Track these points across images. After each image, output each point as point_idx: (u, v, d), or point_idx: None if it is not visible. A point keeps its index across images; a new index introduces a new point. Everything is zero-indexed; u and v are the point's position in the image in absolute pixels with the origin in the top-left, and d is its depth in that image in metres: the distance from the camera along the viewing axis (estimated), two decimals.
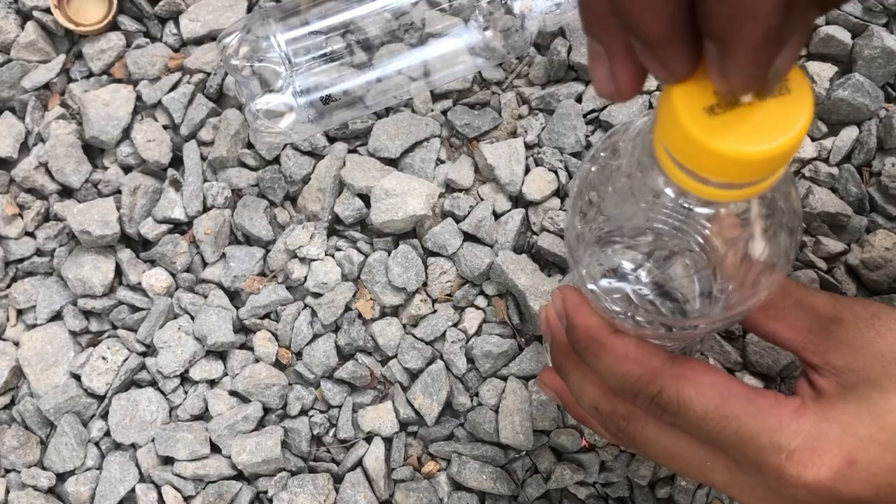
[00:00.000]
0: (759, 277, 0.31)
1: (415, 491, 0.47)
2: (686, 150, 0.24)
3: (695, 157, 0.24)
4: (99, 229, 0.48)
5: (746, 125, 0.24)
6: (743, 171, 0.24)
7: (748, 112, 0.24)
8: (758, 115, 0.24)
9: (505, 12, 0.44)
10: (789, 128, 0.24)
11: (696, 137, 0.24)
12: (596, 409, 0.35)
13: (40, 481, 0.47)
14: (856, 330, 0.31)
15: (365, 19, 0.44)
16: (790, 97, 0.24)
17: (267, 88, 0.43)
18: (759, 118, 0.24)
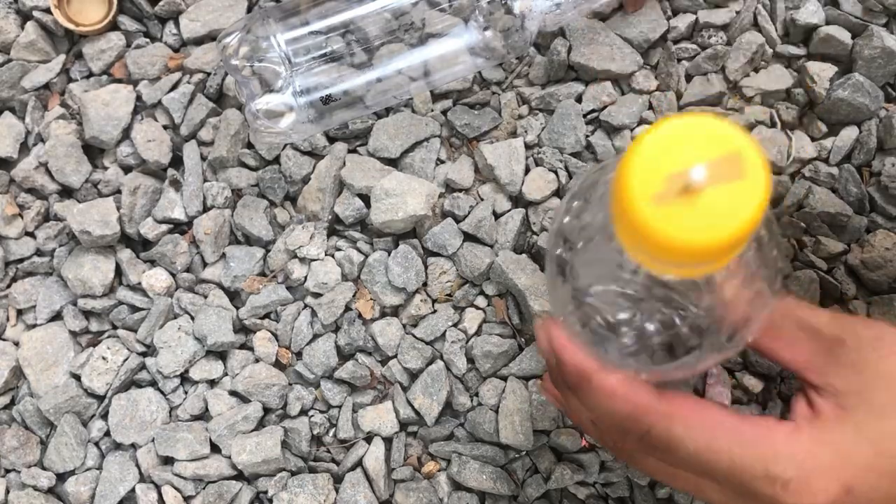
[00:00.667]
0: (746, 311, 0.30)
1: (415, 491, 0.47)
2: (637, 236, 0.24)
3: (645, 242, 0.24)
4: (99, 229, 0.48)
5: (695, 213, 0.24)
6: (693, 258, 0.24)
7: (698, 199, 0.24)
8: (707, 202, 0.24)
9: (505, 12, 0.44)
10: (738, 216, 0.23)
11: (646, 226, 0.24)
12: (593, 424, 0.35)
13: (40, 481, 0.47)
14: (858, 352, 0.30)
15: (365, 19, 0.44)
16: (743, 183, 0.24)
17: (267, 88, 0.43)
18: (709, 206, 0.24)
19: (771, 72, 0.48)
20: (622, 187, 0.24)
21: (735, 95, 0.49)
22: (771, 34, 0.48)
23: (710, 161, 0.24)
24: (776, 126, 0.48)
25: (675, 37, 0.49)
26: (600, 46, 0.48)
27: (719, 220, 0.23)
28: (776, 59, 0.48)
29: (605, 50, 0.48)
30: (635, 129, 0.48)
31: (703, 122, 0.24)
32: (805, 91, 0.48)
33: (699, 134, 0.24)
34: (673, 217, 0.24)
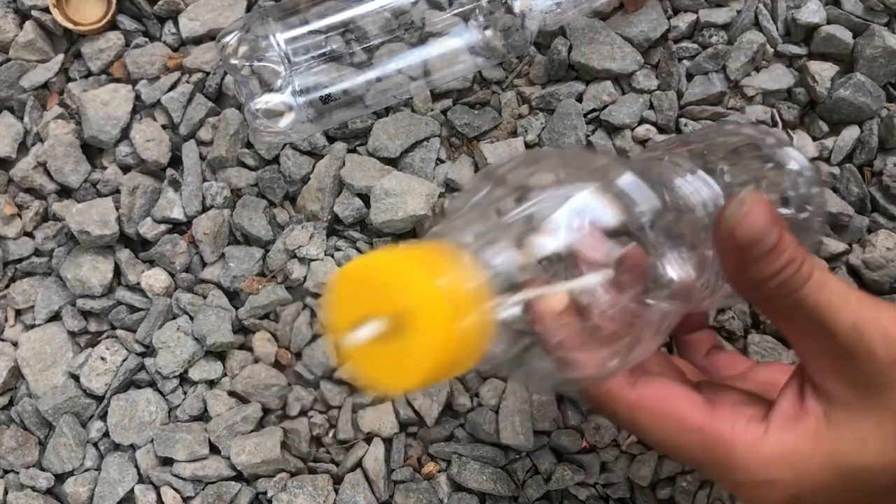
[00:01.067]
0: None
1: (415, 492, 0.46)
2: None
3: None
4: (98, 229, 0.47)
5: (373, 364, 0.25)
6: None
7: (371, 352, 0.24)
8: (380, 356, 0.24)
9: (505, 11, 0.44)
10: (401, 377, 0.24)
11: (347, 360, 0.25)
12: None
13: (39, 482, 0.47)
14: (867, 375, 0.29)
15: (365, 18, 0.44)
16: (407, 342, 0.23)
17: (266, 88, 0.43)
18: (380, 360, 0.24)
19: (772, 71, 0.48)
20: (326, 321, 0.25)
21: (736, 95, 0.49)
22: (772, 33, 0.48)
23: (384, 315, 0.24)
24: (777, 126, 0.48)
25: (675, 36, 0.49)
26: (601, 46, 0.48)
27: (387, 377, 0.24)
28: (777, 59, 0.48)
29: (606, 49, 0.48)
30: (636, 128, 0.48)
31: (388, 266, 0.24)
32: (806, 90, 0.48)
33: (383, 280, 0.24)
34: (359, 359, 0.25)
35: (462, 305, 0.24)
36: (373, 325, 0.24)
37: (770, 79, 0.48)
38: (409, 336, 0.23)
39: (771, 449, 0.30)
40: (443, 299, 0.24)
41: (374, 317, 0.24)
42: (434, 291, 0.24)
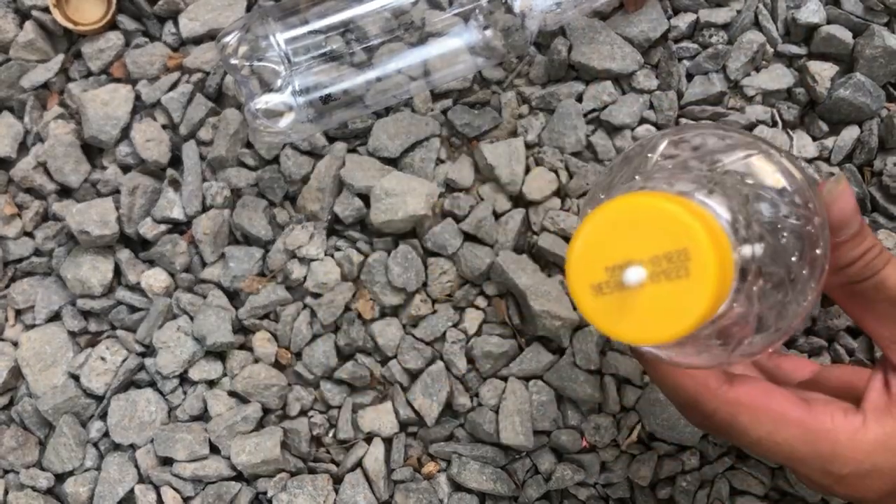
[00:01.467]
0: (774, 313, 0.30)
1: (415, 492, 0.46)
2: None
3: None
4: (98, 229, 0.47)
5: (631, 311, 0.23)
6: (636, 343, 0.24)
7: (636, 296, 0.23)
8: (646, 300, 0.23)
9: (505, 11, 0.44)
10: (676, 321, 0.23)
11: (586, 315, 0.23)
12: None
13: (39, 482, 0.47)
14: None
15: (364, 18, 0.44)
16: (687, 282, 0.23)
17: (266, 88, 0.43)
18: (647, 304, 0.23)
19: (772, 71, 0.48)
20: (567, 271, 0.24)
21: (736, 95, 0.48)
22: (772, 33, 0.48)
23: (653, 256, 0.23)
24: (777, 126, 0.48)
25: (675, 36, 0.49)
26: (601, 45, 0.48)
27: (654, 323, 0.23)
28: (777, 59, 0.48)
29: (606, 49, 0.48)
30: (636, 128, 0.48)
31: (655, 205, 0.23)
32: (806, 90, 0.48)
33: (649, 219, 0.23)
34: (610, 311, 0.23)
35: (725, 245, 0.24)
36: (640, 268, 0.23)
37: (770, 79, 0.48)
38: (692, 273, 0.22)
39: (873, 437, 0.31)
40: (720, 236, 0.23)
41: (639, 259, 0.23)
42: (711, 229, 0.23)
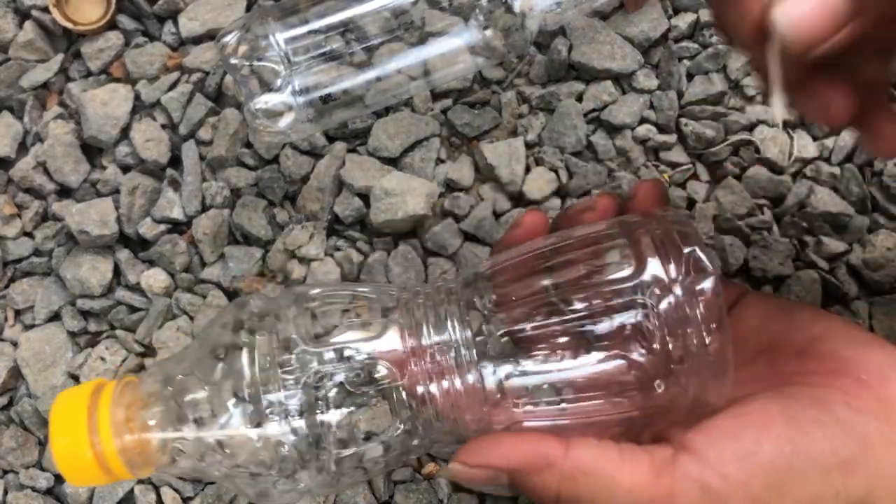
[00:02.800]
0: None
1: (414, 492, 0.46)
2: None
3: None
4: (97, 229, 0.47)
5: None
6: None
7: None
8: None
9: (505, 11, 0.44)
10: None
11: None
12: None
13: (39, 482, 0.47)
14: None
15: (364, 18, 0.44)
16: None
17: (266, 88, 0.43)
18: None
19: None
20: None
21: (736, 94, 0.48)
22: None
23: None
24: (777, 126, 0.48)
25: (676, 35, 0.49)
26: (601, 45, 0.48)
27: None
28: None
29: (606, 49, 0.48)
30: (636, 128, 0.48)
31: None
32: None
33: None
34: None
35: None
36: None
37: None
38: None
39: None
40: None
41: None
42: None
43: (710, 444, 0.29)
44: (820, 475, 0.28)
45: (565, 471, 0.30)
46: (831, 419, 0.29)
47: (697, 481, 0.29)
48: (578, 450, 0.30)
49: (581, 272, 0.32)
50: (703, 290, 0.29)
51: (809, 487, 0.28)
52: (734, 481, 0.28)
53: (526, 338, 0.32)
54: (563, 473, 0.30)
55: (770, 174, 0.48)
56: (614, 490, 0.29)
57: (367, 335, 0.33)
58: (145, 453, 0.32)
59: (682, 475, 0.29)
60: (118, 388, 0.33)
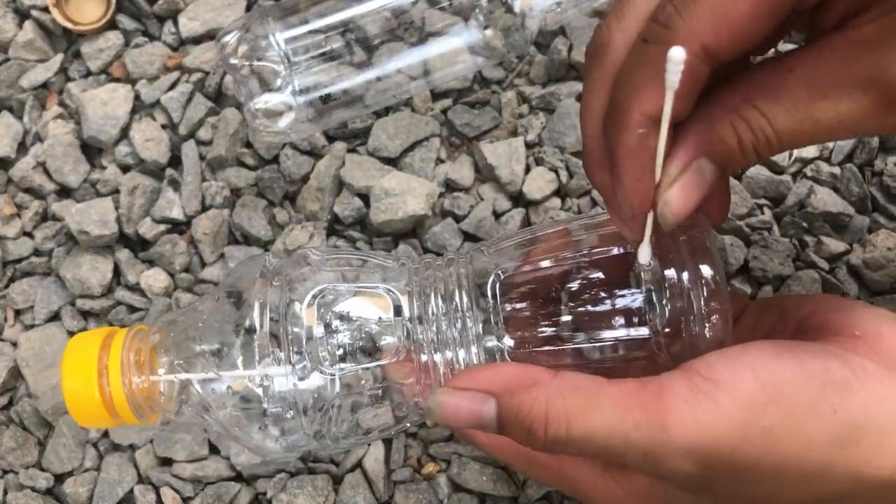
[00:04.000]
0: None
1: (415, 492, 0.46)
2: None
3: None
4: (97, 229, 0.47)
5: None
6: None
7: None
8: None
9: (505, 11, 0.44)
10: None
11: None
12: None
13: (38, 482, 0.47)
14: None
15: (364, 18, 0.44)
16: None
17: (266, 87, 0.43)
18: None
19: None
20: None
21: None
22: None
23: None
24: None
25: None
26: None
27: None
28: None
29: None
30: None
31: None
32: None
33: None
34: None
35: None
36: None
37: None
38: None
39: (609, 489, 0.32)
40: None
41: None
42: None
43: (700, 360, 0.29)
44: (814, 385, 0.28)
45: (553, 387, 0.29)
46: (824, 351, 0.29)
47: (686, 382, 0.28)
48: (566, 373, 0.30)
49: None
50: (705, 273, 0.30)
51: (803, 395, 0.27)
52: (724, 383, 0.28)
53: (528, 321, 0.33)
54: (550, 389, 0.29)
55: (770, 174, 0.48)
56: (602, 401, 0.28)
57: (376, 299, 0.34)
58: (152, 398, 0.33)
59: (670, 379, 0.28)
60: (129, 334, 0.34)
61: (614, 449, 0.28)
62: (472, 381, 0.30)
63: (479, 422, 0.30)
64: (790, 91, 0.27)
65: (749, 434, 0.27)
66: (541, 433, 0.29)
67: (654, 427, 0.28)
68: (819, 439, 0.27)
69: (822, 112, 0.27)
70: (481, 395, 0.30)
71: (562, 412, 0.28)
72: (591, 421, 0.28)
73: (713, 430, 0.27)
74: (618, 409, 0.28)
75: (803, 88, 0.27)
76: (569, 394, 0.29)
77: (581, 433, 0.28)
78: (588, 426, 0.28)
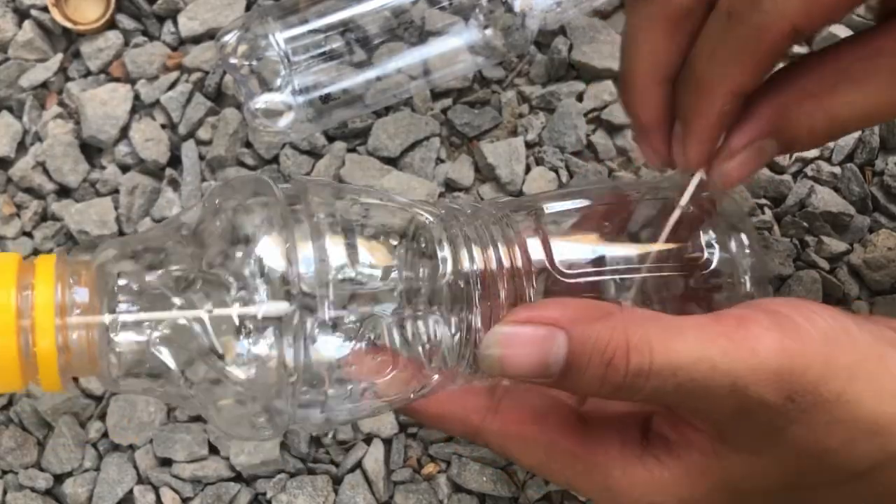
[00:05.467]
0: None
1: (414, 493, 0.46)
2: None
3: None
4: (97, 229, 0.47)
5: None
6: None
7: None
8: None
9: (505, 10, 0.44)
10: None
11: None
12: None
13: (38, 483, 0.47)
14: (763, 423, 0.27)
15: (364, 17, 0.44)
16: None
17: (265, 87, 0.43)
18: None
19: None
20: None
21: None
22: None
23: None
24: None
25: None
26: (602, 45, 0.48)
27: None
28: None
29: (607, 48, 0.48)
30: None
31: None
32: None
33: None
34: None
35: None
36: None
37: None
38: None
39: (648, 475, 0.29)
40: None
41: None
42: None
43: (764, 301, 0.29)
44: (876, 340, 0.27)
45: (628, 316, 0.26)
46: (867, 319, 0.30)
47: (765, 314, 0.27)
48: (634, 307, 0.28)
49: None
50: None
51: (869, 345, 0.27)
52: (801, 319, 0.27)
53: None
54: (626, 318, 0.26)
55: (771, 174, 0.48)
56: (685, 329, 0.26)
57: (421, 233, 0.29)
58: (90, 347, 0.24)
59: (746, 310, 0.27)
60: (59, 261, 0.25)
61: (699, 380, 0.25)
62: (533, 315, 0.26)
63: (545, 360, 0.26)
64: (875, 76, 0.27)
65: (833, 367, 0.26)
66: (622, 365, 0.25)
67: (743, 352, 0.25)
68: (887, 390, 0.26)
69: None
70: (547, 328, 0.26)
71: (644, 340, 0.25)
72: (676, 348, 0.25)
73: (802, 359, 0.26)
74: (701, 337, 0.26)
75: (889, 75, 0.27)
76: (648, 322, 0.26)
77: (665, 362, 0.25)
78: (673, 354, 0.25)
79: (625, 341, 0.25)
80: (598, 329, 0.25)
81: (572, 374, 0.26)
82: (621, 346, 0.25)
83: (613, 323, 0.26)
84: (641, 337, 0.25)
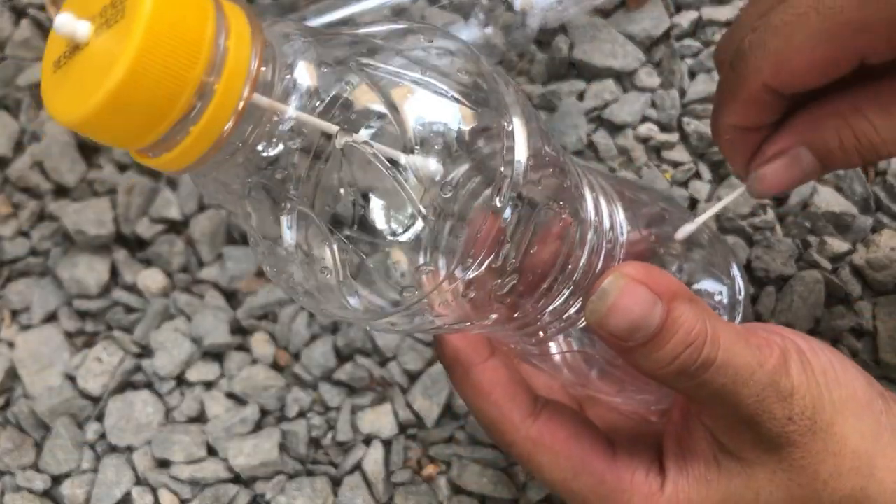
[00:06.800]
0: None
1: (414, 494, 0.46)
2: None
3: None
4: (94, 229, 0.47)
5: (77, 76, 0.18)
6: (103, 133, 0.19)
7: (84, 57, 0.18)
8: (90, 58, 0.18)
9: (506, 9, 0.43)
10: (102, 77, 0.17)
11: (44, 99, 0.19)
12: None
13: (35, 484, 0.47)
14: (768, 436, 0.29)
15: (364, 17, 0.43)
16: (122, 24, 0.18)
17: None
18: (89, 63, 0.18)
19: None
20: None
21: None
22: None
23: (103, 6, 0.18)
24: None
25: (678, 34, 0.48)
26: (602, 43, 0.48)
27: (84, 87, 0.18)
28: None
29: (608, 47, 0.48)
30: (638, 127, 0.48)
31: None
32: None
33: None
34: (57, 86, 0.19)
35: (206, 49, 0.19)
36: (80, 21, 0.18)
37: None
38: (124, 17, 0.18)
39: (667, 500, 0.30)
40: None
41: (90, 13, 0.19)
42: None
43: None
44: (868, 386, 0.31)
45: (705, 307, 0.29)
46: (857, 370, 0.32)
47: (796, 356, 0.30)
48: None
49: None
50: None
51: (862, 388, 0.30)
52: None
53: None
54: (706, 309, 0.28)
55: None
56: (740, 335, 0.29)
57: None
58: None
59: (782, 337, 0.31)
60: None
61: (739, 385, 0.28)
62: (648, 278, 0.28)
63: (642, 323, 0.27)
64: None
65: (824, 400, 0.29)
66: (698, 352, 0.27)
67: (776, 374, 0.28)
68: (868, 432, 0.29)
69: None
70: (652, 294, 0.27)
71: (716, 335, 0.28)
72: (737, 351, 0.28)
73: (807, 388, 0.29)
74: (746, 348, 0.28)
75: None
76: (717, 319, 0.28)
77: (725, 361, 0.28)
78: (732, 357, 0.28)
79: (706, 331, 0.27)
80: (689, 312, 0.27)
81: (653, 344, 0.27)
82: (702, 334, 0.27)
83: (700, 310, 0.28)
84: (716, 331, 0.28)
